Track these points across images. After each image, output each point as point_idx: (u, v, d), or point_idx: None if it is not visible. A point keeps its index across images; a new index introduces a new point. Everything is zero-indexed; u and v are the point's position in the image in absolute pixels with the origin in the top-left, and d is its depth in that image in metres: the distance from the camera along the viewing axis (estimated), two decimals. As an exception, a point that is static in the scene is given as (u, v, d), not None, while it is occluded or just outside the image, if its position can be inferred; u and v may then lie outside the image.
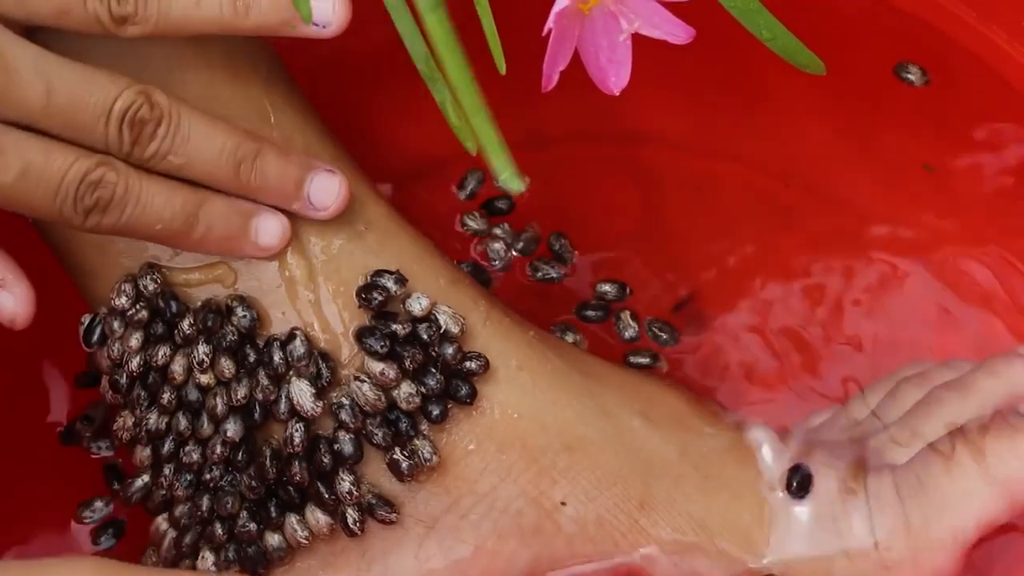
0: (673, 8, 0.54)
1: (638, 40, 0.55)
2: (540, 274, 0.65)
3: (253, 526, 0.56)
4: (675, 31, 0.55)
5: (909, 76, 0.66)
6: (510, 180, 0.55)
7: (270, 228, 0.55)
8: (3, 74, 0.52)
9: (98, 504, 0.63)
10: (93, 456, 0.64)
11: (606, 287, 0.65)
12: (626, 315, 0.65)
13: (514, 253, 0.65)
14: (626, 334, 0.65)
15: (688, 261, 0.67)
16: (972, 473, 0.58)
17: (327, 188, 0.56)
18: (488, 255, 0.65)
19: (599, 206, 0.68)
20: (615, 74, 0.55)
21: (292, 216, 0.56)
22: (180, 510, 0.57)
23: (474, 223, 0.65)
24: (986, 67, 0.64)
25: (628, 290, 0.66)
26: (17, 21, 0.53)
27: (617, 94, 0.55)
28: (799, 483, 0.58)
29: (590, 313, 0.65)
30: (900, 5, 0.65)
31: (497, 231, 0.66)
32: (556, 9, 0.53)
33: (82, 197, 0.52)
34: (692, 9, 0.54)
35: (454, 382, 0.56)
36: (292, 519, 0.56)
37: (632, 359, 0.63)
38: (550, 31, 0.53)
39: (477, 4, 0.54)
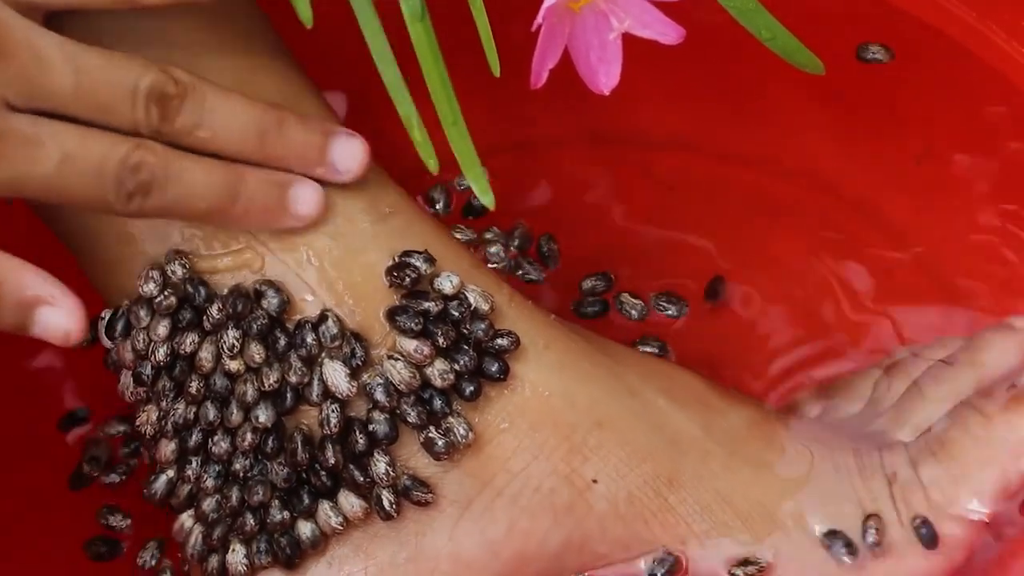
0: (667, 8, 0.55)
1: (635, 39, 0.55)
2: (520, 272, 0.65)
3: (285, 515, 0.55)
4: (665, 31, 0.55)
5: (876, 56, 0.67)
6: (482, 194, 0.56)
7: (306, 196, 0.55)
8: (34, 63, 0.51)
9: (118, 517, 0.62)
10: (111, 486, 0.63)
11: (593, 281, 0.66)
12: (626, 296, 0.65)
13: (513, 250, 0.66)
14: (633, 314, 0.65)
15: (687, 260, 0.68)
16: (983, 441, 0.59)
17: (349, 151, 0.56)
18: (488, 259, 0.65)
19: (596, 207, 0.68)
20: (605, 73, 0.56)
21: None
22: (208, 503, 0.56)
23: (462, 235, 0.65)
24: (984, 63, 0.66)
25: (613, 277, 0.66)
26: (36, 6, 0.53)
27: (607, 93, 0.56)
28: (928, 536, 0.59)
29: (589, 309, 0.66)
30: (898, 4, 0.66)
31: (488, 235, 0.66)
32: (546, 5, 0.53)
33: (124, 180, 0.52)
34: (690, 9, 0.55)
35: (486, 359, 0.56)
36: (325, 506, 0.56)
37: (640, 348, 0.64)
38: (540, 27, 0.54)
39: (472, 6, 0.55)
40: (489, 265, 0.65)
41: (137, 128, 0.53)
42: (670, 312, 0.65)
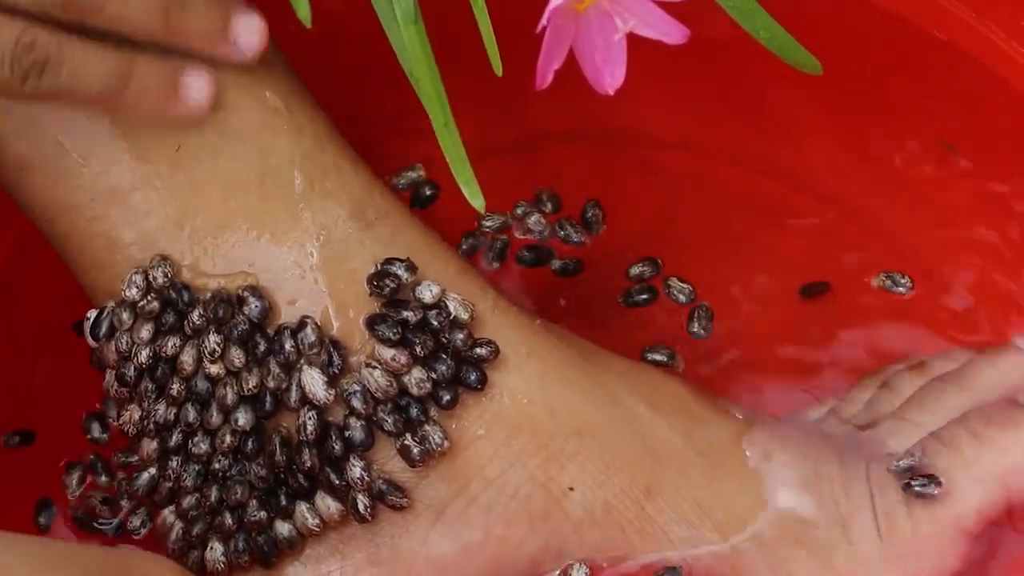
0: (669, 8, 0.55)
1: (638, 39, 0.55)
2: (563, 233, 0.67)
3: (263, 515, 0.56)
4: (670, 31, 0.55)
5: None
6: (472, 197, 0.56)
7: (199, 84, 0.55)
8: None
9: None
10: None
11: (640, 268, 0.67)
12: (674, 280, 0.66)
13: (548, 209, 0.67)
14: (681, 298, 0.66)
15: (686, 259, 0.68)
16: (973, 463, 0.59)
17: (251, 27, 0.56)
18: (530, 231, 0.67)
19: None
20: (610, 74, 0.56)
21: (305, 202, 0.56)
22: (188, 501, 0.57)
23: (491, 222, 0.66)
24: (982, 67, 0.65)
25: (660, 262, 0.67)
26: None
27: (612, 93, 0.56)
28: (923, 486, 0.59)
29: (641, 297, 0.66)
30: (897, 5, 0.66)
31: (519, 210, 0.67)
32: (551, 7, 0.53)
33: (19, 58, 0.52)
34: (691, 9, 0.55)
35: (464, 368, 0.56)
36: (302, 507, 0.57)
37: (650, 356, 0.64)
38: (544, 28, 0.54)
39: (474, 5, 0.55)
40: (536, 236, 0.66)
41: (43, 5, 0.52)
42: (694, 329, 0.66)
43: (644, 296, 0.66)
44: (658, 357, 0.64)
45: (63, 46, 0.53)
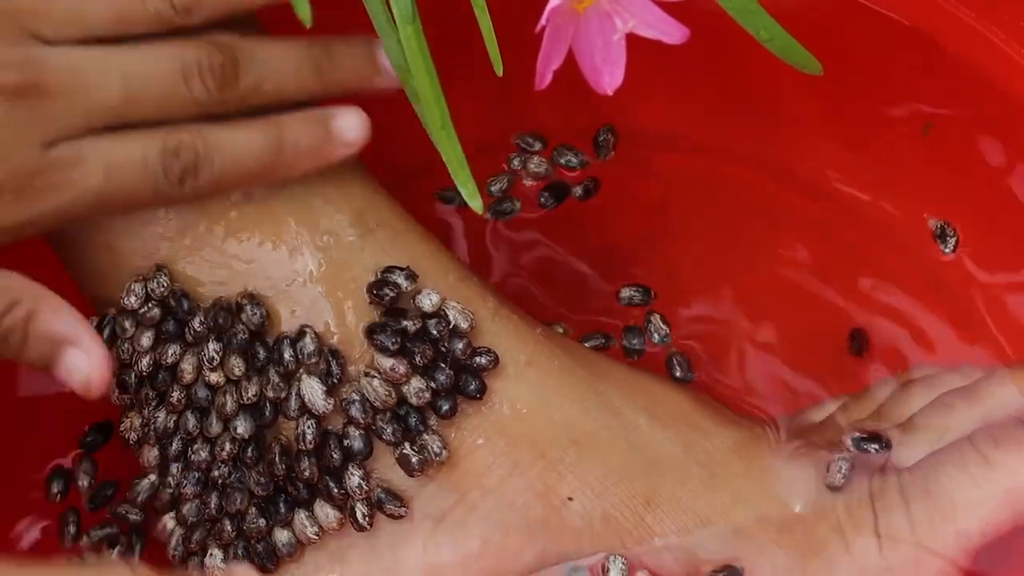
0: (669, 8, 0.55)
1: (638, 39, 0.55)
2: (564, 160, 0.67)
3: (262, 522, 0.57)
4: (669, 31, 0.55)
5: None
6: (470, 198, 0.56)
7: (351, 122, 0.56)
8: (80, 90, 0.52)
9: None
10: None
11: (630, 292, 0.66)
12: (655, 317, 0.66)
13: (538, 148, 0.67)
14: (655, 337, 0.65)
15: (687, 261, 0.67)
16: (979, 481, 0.58)
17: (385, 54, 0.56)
18: (537, 173, 0.67)
19: (596, 206, 0.68)
20: (609, 74, 0.56)
21: (305, 209, 0.56)
22: (187, 508, 0.57)
23: (498, 184, 0.67)
24: (984, 71, 0.65)
25: (652, 293, 0.66)
26: (76, 39, 0.53)
27: (611, 94, 0.56)
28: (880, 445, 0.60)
29: (635, 342, 0.66)
30: (897, 5, 0.66)
31: (515, 162, 0.67)
32: (550, 6, 0.53)
33: (169, 166, 0.53)
34: (692, 8, 0.55)
35: (464, 377, 0.57)
36: (301, 515, 0.57)
37: (586, 344, 0.64)
38: (543, 29, 0.54)
39: (474, 4, 0.55)
40: (540, 179, 0.67)
41: (201, 106, 0.53)
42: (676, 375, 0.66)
43: (637, 341, 0.66)
44: (593, 343, 0.64)
45: (207, 138, 0.54)
